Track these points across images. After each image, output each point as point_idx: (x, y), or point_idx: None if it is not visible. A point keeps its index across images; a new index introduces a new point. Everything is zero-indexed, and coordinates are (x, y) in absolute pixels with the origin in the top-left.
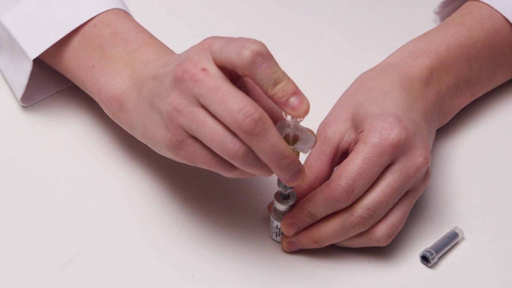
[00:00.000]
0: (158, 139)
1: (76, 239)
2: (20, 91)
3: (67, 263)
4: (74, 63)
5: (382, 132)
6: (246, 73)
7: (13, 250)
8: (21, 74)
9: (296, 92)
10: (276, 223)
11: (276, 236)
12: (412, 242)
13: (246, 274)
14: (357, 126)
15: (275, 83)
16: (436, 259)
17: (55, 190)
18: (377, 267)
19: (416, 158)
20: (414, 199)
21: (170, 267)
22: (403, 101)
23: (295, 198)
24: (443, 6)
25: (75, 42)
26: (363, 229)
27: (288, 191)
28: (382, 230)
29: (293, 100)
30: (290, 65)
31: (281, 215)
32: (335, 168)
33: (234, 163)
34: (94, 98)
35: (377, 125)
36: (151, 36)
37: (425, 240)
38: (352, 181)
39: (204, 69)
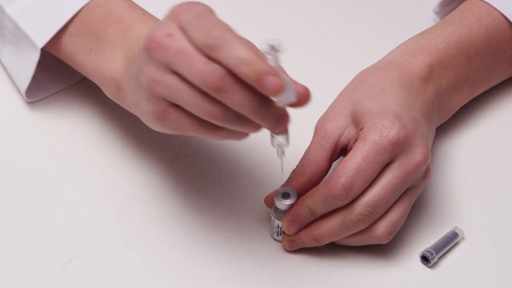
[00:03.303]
0: (145, 112)
1: (76, 239)
2: (25, 83)
3: (67, 263)
4: (72, 48)
5: (382, 130)
6: (211, 57)
7: (13, 250)
8: (28, 65)
9: (270, 72)
10: (277, 222)
11: (277, 235)
12: (412, 242)
13: (246, 274)
14: (357, 122)
15: (242, 64)
16: (436, 259)
17: (55, 190)
18: (377, 267)
19: (416, 155)
20: (414, 197)
21: (170, 267)
22: (402, 99)
23: (295, 197)
24: (443, 5)
25: (71, 27)
26: (363, 226)
27: (282, 144)
28: (382, 228)
29: (268, 81)
30: (290, 65)
31: (281, 214)
32: (333, 163)
33: (216, 123)
34: (94, 81)
35: (377, 123)
36: (145, 13)
37: (425, 240)
38: (351, 178)
39: (169, 34)
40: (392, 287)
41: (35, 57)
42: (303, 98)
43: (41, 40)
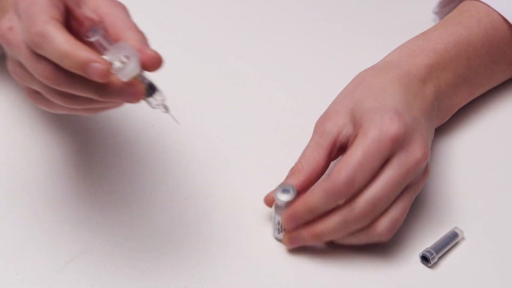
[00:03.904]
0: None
1: (76, 239)
2: None
3: (67, 263)
4: None
5: (381, 126)
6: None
7: (13, 250)
8: None
9: (92, 59)
10: (277, 218)
11: (279, 233)
12: (412, 242)
13: (246, 274)
14: (356, 121)
15: (63, 57)
16: (436, 259)
17: (55, 189)
18: (377, 267)
19: (415, 152)
20: (414, 194)
21: (170, 267)
22: (402, 97)
23: (295, 193)
24: (442, 5)
25: None
26: (364, 224)
27: (156, 104)
28: (383, 225)
29: (93, 69)
30: (290, 64)
31: (281, 210)
32: (332, 162)
33: (75, 108)
34: None
35: (377, 119)
36: None
37: (425, 240)
38: (352, 173)
39: (10, 28)
40: (392, 287)
41: None
42: (151, 66)
43: None
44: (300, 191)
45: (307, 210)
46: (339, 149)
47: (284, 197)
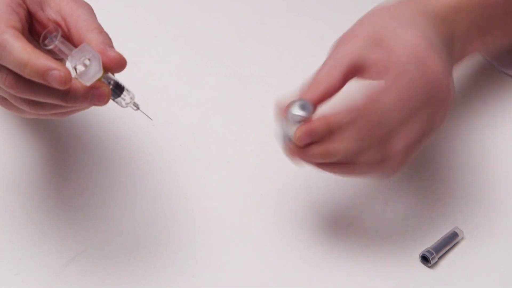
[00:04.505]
0: None
1: (76, 239)
2: None
3: (67, 263)
4: None
5: (405, 45)
6: None
7: (13, 250)
8: None
9: (51, 67)
10: (289, 133)
11: (286, 147)
12: (412, 242)
13: (246, 274)
14: (376, 43)
15: (22, 67)
16: (436, 259)
17: (55, 189)
18: (377, 267)
19: (432, 66)
20: (430, 120)
21: (170, 267)
22: (423, 25)
23: (312, 109)
24: None
25: None
26: (377, 134)
27: (125, 103)
28: (399, 144)
29: (52, 76)
30: (290, 65)
31: (295, 125)
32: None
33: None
34: None
35: (401, 35)
36: None
37: (425, 240)
38: (376, 96)
39: None
40: (392, 287)
41: None
42: (114, 68)
43: None
44: (315, 107)
45: (324, 124)
46: (356, 71)
47: (301, 113)
